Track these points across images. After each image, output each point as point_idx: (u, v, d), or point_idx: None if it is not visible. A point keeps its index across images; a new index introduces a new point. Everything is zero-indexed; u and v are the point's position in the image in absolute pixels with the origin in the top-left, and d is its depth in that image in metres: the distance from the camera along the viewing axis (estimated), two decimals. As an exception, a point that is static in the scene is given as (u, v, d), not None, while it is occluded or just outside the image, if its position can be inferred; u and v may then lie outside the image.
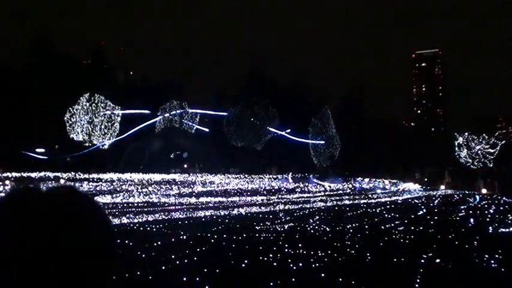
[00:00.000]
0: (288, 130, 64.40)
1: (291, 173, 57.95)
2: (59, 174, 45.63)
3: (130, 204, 24.62)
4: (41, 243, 0.84)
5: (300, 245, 11.89)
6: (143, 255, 10.31)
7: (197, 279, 8.02)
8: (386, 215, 21.13)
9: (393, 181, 55.42)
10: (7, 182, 38.18)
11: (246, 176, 54.72)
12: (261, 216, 19.91)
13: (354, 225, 16.92)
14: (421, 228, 16.53)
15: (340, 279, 8.31)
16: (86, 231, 0.90)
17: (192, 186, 41.06)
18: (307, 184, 48.47)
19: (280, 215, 20.47)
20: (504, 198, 36.47)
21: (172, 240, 12.76)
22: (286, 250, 11.23)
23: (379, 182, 55.03)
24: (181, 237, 13.28)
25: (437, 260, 10.25)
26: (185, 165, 65.26)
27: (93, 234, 0.90)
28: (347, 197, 33.59)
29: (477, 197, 37.90)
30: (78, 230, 0.88)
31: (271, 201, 28.00)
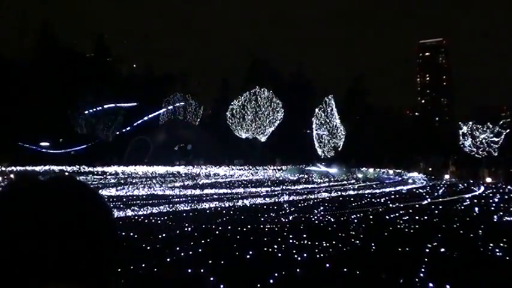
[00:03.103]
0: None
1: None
2: (63, 167, 45.78)
3: (135, 197, 24.69)
4: (40, 233, 0.84)
5: (304, 235, 11.91)
6: (148, 248, 10.35)
7: (202, 270, 8.05)
8: (390, 205, 21.14)
9: (398, 171, 55.35)
10: (12, 175, 38.31)
11: (251, 167, 54.74)
12: (265, 207, 19.95)
13: (358, 215, 16.93)
14: (425, 217, 16.53)
15: (345, 269, 8.33)
16: (85, 220, 0.89)
17: (196, 178, 41.15)
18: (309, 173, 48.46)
19: (285, 205, 20.51)
20: (509, 187, 36.41)
21: (177, 232, 12.80)
22: (291, 241, 11.25)
23: (384, 172, 54.99)
24: (186, 229, 13.32)
25: (442, 249, 10.26)
26: (189, 157, 65.33)
27: (92, 223, 0.90)
28: (351, 187, 33.59)
29: (482, 186, 37.85)
30: (77, 217, 0.88)
31: (276, 192, 28.03)
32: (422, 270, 8.25)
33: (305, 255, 9.53)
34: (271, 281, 7.46)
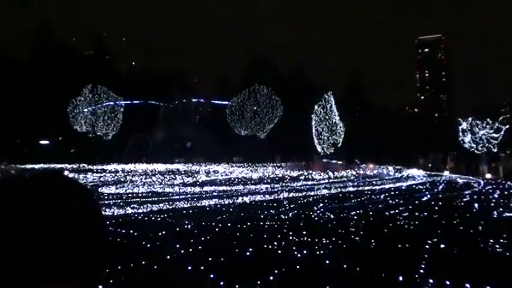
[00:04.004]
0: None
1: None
2: (63, 165, 45.73)
3: (134, 195, 24.68)
4: (22, 231, 0.81)
5: (304, 232, 11.89)
6: (148, 245, 10.34)
7: (202, 268, 8.04)
8: (390, 201, 21.13)
9: (397, 167, 55.33)
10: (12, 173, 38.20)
11: (250, 164, 54.72)
12: (265, 204, 19.94)
13: (358, 211, 16.92)
14: (425, 213, 16.53)
15: (345, 266, 8.32)
16: (70, 216, 0.86)
17: (195, 175, 41.14)
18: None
19: (284, 202, 20.49)
20: (508, 182, 36.39)
21: (177, 229, 12.79)
22: (291, 238, 11.23)
23: (383, 168, 54.95)
24: (185, 226, 13.31)
25: (442, 245, 10.25)
26: (189, 155, 65.32)
27: (78, 220, 0.86)
28: (351, 184, 33.58)
29: (481, 182, 37.84)
30: (62, 214, 0.85)
31: (275, 189, 28.03)
32: (423, 266, 8.25)
33: (305, 252, 9.52)
34: (271, 278, 7.45)
